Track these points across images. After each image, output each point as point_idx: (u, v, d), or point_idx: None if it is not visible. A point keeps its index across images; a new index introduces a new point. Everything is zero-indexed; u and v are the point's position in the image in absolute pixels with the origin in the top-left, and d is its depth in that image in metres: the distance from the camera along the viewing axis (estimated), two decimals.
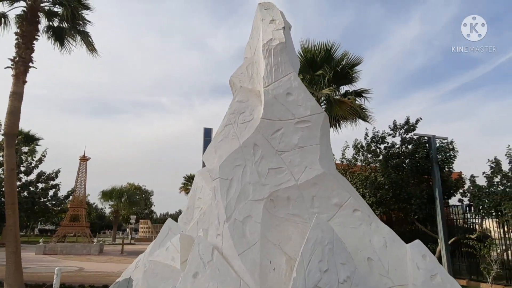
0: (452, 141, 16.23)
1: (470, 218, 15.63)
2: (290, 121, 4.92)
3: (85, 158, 27.10)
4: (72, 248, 23.51)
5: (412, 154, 15.98)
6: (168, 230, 6.09)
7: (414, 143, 16.40)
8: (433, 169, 14.97)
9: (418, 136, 16.34)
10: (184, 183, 39.28)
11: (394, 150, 15.79)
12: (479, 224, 15.39)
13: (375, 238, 4.63)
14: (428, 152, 15.50)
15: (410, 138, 16.58)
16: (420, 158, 15.67)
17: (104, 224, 62.62)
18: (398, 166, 15.38)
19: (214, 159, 4.90)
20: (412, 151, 16.21)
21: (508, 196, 13.14)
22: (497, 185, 14.40)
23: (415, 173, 15.39)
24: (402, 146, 16.64)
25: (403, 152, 16.21)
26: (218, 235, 4.50)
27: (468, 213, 15.61)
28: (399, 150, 15.99)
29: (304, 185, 4.77)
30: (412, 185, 15.37)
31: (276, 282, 4.17)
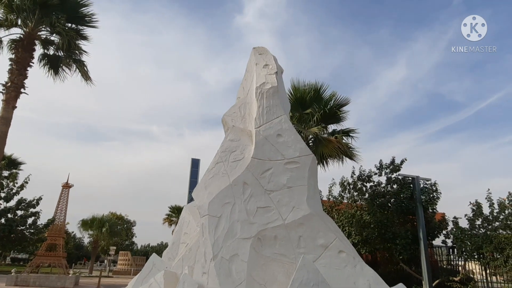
0: (436, 183, 16.59)
1: (454, 259, 15.71)
2: (279, 162, 5.07)
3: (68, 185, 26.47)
4: (46, 279, 22.41)
5: (397, 194, 16.26)
6: (152, 265, 6.00)
7: (399, 183, 16.72)
8: (417, 209, 15.19)
9: (403, 176, 16.69)
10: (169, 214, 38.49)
11: (380, 189, 16.05)
12: (462, 266, 15.47)
13: (360, 280, 4.68)
14: (412, 193, 15.79)
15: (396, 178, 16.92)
16: (404, 198, 15.94)
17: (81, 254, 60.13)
18: (384, 205, 15.59)
19: (204, 195, 4.97)
20: (397, 190, 16.49)
21: (489, 239, 13.37)
22: (478, 227, 14.66)
23: (400, 213, 15.60)
24: (388, 186, 16.93)
25: (389, 191, 16.48)
26: (204, 273, 4.48)
27: (452, 255, 15.71)
28: (384, 189, 16.27)
29: (291, 225, 4.85)
30: (397, 225, 15.52)
31: None
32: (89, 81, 12.56)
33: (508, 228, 12.96)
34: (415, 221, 15.91)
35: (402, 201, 15.61)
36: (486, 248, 12.85)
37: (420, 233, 14.69)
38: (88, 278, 32.27)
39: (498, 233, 12.74)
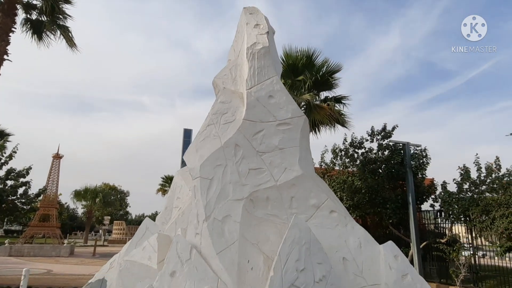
0: (425, 149, 16.79)
1: (441, 223, 16.19)
2: (271, 123, 5.00)
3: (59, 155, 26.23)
4: (41, 249, 22.68)
5: (388, 160, 16.45)
6: (146, 229, 6.03)
7: (390, 149, 16.89)
8: (407, 175, 15.44)
9: (394, 142, 16.83)
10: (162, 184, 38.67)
11: (371, 156, 16.22)
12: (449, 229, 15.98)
13: (351, 239, 4.76)
14: (403, 159, 15.99)
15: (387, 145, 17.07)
16: (395, 164, 16.15)
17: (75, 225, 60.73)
18: (375, 171, 15.80)
19: (195, 158, 4.91)
20: (388, 157, 16.67)
21: (476, 202, 13.72)
22: (466, 191, 15.01)
23: (391, 178, 15.85)
24: (379, 152, 17.09)
25: (380, 157, 16.66)
26: (197, 234, 4.51)
27: (439, 218, 16.16)
28: (375, 156, 16.43)
29: (283, 186, 4.85)
30: (387, 190, 15.81)
31: (253, 281, 4.22)
32: (74, 47, 12.12)
33: (494, 191, 13.30)
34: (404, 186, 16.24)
35: (392, 167, 15.84)
36: (473, 211, 13.23)
37: (409, 198, 15.00)
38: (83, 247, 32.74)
39: (484, 196, 13.08)
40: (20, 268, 18.46)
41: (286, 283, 4.02)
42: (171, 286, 4.01)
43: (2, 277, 14.68)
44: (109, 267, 6.81)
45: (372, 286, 4.52)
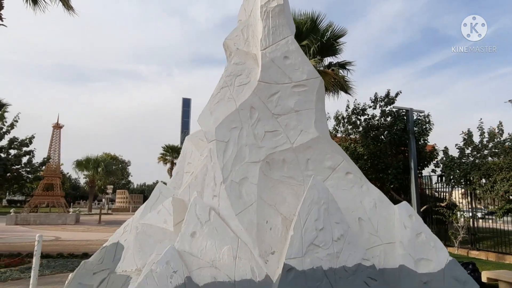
0: (429, 115, 16.76)
1: (441, 188, 16.42)
2: (287, 85, 4.91)
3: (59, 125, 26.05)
4: (47, 218, 23.07)
5: (390, 126, 16.44)
6: (159, 193, 6.07)
7: (393, 115, 16.84)
8: (410, 140, 15.49)
9: (397, 109, 16.75)
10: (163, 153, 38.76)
11: (374, 122, 16.20)
12: (449, 193, 16.24)
13: (366, 199, 4.82)
14: (406, 125, 15.99)
15: (390, 111, 17.00)
16: (397, 130, 16.16)
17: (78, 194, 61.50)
18: (377, 138, 15.84)
19: (210, 121, 4.86)
20: (390, 123, 16.66)
21: (477, 166, 13.86)
22: (467, 156, 15.14)
23: (393, 145, 15.92)
24: (381, 119, 17.05)
25: (382, 124, 16.65)
26: (215, 196, 4.54)
27: (439, 183, 16.38)
28: (378, 122, 16.41)
29: (299, 148, 4.84)
30: (389, 156, 15.92)
31: (272, 240, 4.30)
32: (71, 11, 11.67)
33: (496, 156, 13.42)
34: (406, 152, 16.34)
35: (395, 133, 15.87)
36: (474, 175, 13.41)
37: (412, 163, 15.14)
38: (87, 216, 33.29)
39: (486, 161, 13.22)
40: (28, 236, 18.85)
41: (306, 242, 4.11)
42: (192, 246, 4.09)
43: (12, 245, 14.99)
44: (123, 231, 6.91)
45: (387, 245, 4.62)
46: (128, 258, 5.29)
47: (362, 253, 4.34)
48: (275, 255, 4.20)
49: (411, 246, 4.59)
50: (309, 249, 4.09)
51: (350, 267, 4.22)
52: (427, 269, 4.51)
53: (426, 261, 4.56)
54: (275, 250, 4.23)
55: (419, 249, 4.60)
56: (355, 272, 4.22)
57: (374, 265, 4.37)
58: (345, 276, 4.17)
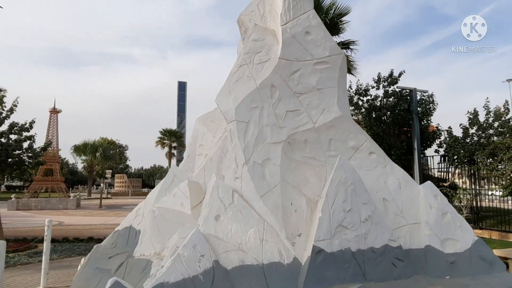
0: (432, 94, 16.61)
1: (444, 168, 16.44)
2: (308, 62, 4.71)
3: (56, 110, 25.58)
4: (48, 203, 22.96)
5: (394, 106, 16.28)
6: (174, 177, 5.93)
7: (396, 96, 16.66)
8: (414, 121, 15.38)
9: (401, 89, 16.57)
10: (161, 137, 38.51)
11: (376, 103, 16.05)
12: (452, 173, 16.26)
13: (390, 179, 4.71)
14: (409, 105, 15.85)
15: (393, 91, 16.81)
16: (400, 110, 16.03)
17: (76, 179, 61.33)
18: (380, 119, 15.73)
19: (229, 101, 4.67)
20: (394, 103, 16.49)
21: (482, 146, 13.82)
22: (471, 136, 15.08)
23: (396, 125, 15.82)
24: (384, 99, 16.88)
25: (385, 104, 16.49)
26: (237, 178, 4.40)
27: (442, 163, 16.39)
28: (381, 103, 16.26)
29: (322, 128, 4.69)
30: (392, 137, 15.86)
31: (298, 222, 4.20)
32: None
33: (502, 135, 13.37)
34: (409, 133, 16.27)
35: (398, 113, 15.74)
36: (479, 154, 13.38)
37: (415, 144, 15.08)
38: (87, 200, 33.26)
39: (493, 140, 13.17)
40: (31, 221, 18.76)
41: (334, 224, 4.01)
42: (217, 230, 3.97)
43: (16, 230, 14.90)
44: (135, 215, 6.81)
45: (412, 225, 4.55)
46: (145, 242, 5.19)
47: (389, 233, 4.27)
48: (302, 237, 4.10)
49: (437, 226, 4.51)
50: (337, 231, 4.00)
51: (378, 248, 4.14)
52: (454, 249, 4.46)
53: (452, 241, 4.50)
54: (301, 232, 4.14)
55: (445, 229, 4.53)
56: (383, 253, 4.15)
57: (401, 245, 4.30)
58: (373, 257, 4.10)
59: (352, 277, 3.92)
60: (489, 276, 4.33)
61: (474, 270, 4.36)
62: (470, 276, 4.30)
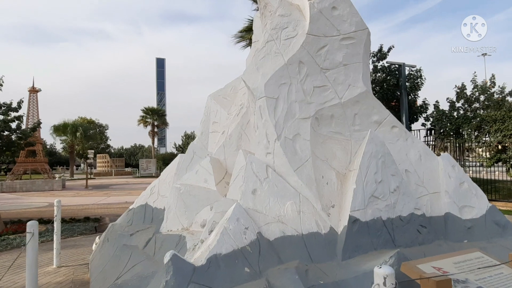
0: (420, 69, 16.97)
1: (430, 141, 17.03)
2: (335, 38, 4.76)
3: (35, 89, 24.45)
4: (33, 184, 22.41)
5: (382, 81, 16.57)
6: (193, 154, 5.96)
7: (385, 71, 16.92)
8: (402, 95, 15.74)
9: (390, 63, 16.82)
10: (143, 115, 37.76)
11: None
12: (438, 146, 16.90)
13: (411, 152, 4.93)
14: (398, 79, 16.15)
15: (382, 66, 17.05)
16: (389, 85, 16.35)
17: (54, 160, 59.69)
18: None
19: (257, 77, 4.68)
20: (383, 79, 16.77)
21: (469, 119, 14.39)
22: (458, 110, 15.61)
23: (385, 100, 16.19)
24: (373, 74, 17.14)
25: (374, 80, 16.76)
26: (268, 153, 4.50)
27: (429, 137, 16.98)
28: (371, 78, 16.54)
29: (347, 103, 4.81)
30: None
31: (330, 195, 4.37)
32: None
33: (488, 108, 13.96)
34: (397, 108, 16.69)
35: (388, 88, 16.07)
36: (467, 127, 13.96)
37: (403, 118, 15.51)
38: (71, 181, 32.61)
39: (480, 113, 13.76)
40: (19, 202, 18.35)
41: (367, 195, 4.21)
42: (256, 203, 4.10)
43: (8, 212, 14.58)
44: (150, 193, 6.85)
45: (432, 194, 4.82)
46: (171, 218, 5.27)
47: (414, 202, 4.52)
48: (335, 208, 4.29)
49: (456, 195, 4.81)
50: (370, 201, 4.21)
51: (405, 216, 4.39)
52: (470, 215, 4.78)
53: (469, 208, 4.82)
54: (334, 203, 4.32)
55: (463, 197, 4.83)
56: (409, 221, 4.41)
57: (424, 213, 4.57)
58: (401, 225, 4.35)
59: (383, 244, 4.17)
60: (502, 238, 4.70)
61: (489, 234, 4.71)
62: (486, 240, 4.64)
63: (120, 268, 4.93)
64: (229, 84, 7.03)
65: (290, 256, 3.80)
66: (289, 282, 3.37)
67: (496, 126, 12.38)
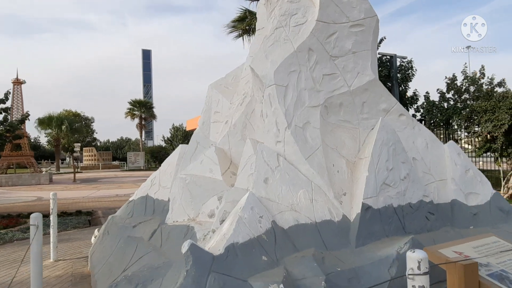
0: (411, 60, 17.13)
1: None
2: (344, 25, 4.71)
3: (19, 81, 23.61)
4: (19, 178, 21.84)
5: None
6: (197, 144, 5.87)
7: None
8: (393, 86, 15.87)
9: (382, 55, 16.91)
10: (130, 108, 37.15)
11: None
12: None
13: (418, 140, 4.96)
14: (390, 71, 16.27)
15: None
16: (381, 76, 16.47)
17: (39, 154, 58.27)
18: None
19: (266, 64, 4.60)
20: None
21: (459, 110, 14.61)
22: (448, 100, 15.83)
23: None
24: None
25: None
26: (278, 142, 4.45)
27: None
28: None
29: (356, 91, 4.79)
30: None
31: (342, 183, 4.36)
32: None
33: (478, 99, 14.21)
34: None
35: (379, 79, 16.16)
36: (457, 118, 14.20)
37: None
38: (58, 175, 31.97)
39: (471, 104, 14.00)
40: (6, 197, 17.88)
41: (379, 182, 4.22)
42: (268, 192, 4.05)
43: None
44: (151, 184, 6.73)
45: (439, 182, 4.87)
46: (176, 209, 5.19)
47: (423, 190, 4.56)
48: (347, 196, 4.29)
49: (462, 182, 4.87)
50: (382, 189, 4.22)
51: (414, 203, 4.43)
52: (476, 202, 4.86)
53: (474, 194, 4.89)
54: (345, 191, 4.32)
55: (468, 184, 4.90)
56: (418, 208, 4.45)
57: (432, 201, 4.62)
58: (411, 212, 4.39)
59: (394, 231, 4.20)
60: (506, 224, 4.79)
61: (493, 220, 4.80)
62: (490, 225, 4.73)
63: (126, 260, 4.84)
64: (230, 73, 6.92)
65: (305, 244, 3.79)
66: (308, 270, 3.36)
67: (486, 116, 12.60)
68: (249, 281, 3.17)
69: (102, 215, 13.25)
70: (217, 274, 3.11)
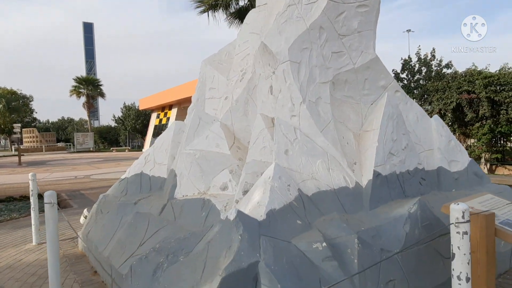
0: None
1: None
2: (352, 4, 4.98)
3: None
4: None
5: None
6: (199, 120, 5.88)
7: None
8: None
9: None
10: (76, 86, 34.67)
11: None
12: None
13: (410, 114, 5.49)
14: None
15: None
16: None
17: None
18: None
19: (281, 41, 4.75)
20: None
21: (412, 90, 15.80)
22: (403, 80, 16.99)
23: None
24: None
25: None
26: (293, 116, 4.68)
27: None
28: None
29: (360, 69, 5.14)
30: None
31: (351, 153, 4.75)
32: None
33: (429, 80, 15.50)
34: None
35: None
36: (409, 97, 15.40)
37: None
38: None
39: (424, 84, 15.25)
40: None
41: (386, 151, 4.67)
42: (290, 163, 4.30)
43: None
44: (145, 162, 6.66)
45: (428, 151, 5.47)
46: (185, 184, 5.26)
47: (417, 158, 5.12)
48: (357, 165, 4.68)
49: (446, 151, 5.53)
50: (387, 157, 4.67)
51: (411, 170, 4.97)
52: (456, 168, 5.55)
53: (455, 162, 5.58)
54: (355, 161, 4.71)
55: (451, 152, 5.57)
56: (414, 175, 5.00)
57: (424, 168, 5.20)
58: (408, 178, 4.92)
59: (397, 195, 4.71)
60: (481, 187, 5.57)
61: (471, 183, 5.54)
62: (469, 188, 5.46)
63: (140, 236, 4.85)
64: (223, 50, 6.93)
65: (328, 209, 4.13)
66: (339, 230, 3.71)
67: (437, 95, 13.80)
68: (292, 242, 3.45)
69: (68, 197, 12.66)
70: (266, 237, 3.33)
